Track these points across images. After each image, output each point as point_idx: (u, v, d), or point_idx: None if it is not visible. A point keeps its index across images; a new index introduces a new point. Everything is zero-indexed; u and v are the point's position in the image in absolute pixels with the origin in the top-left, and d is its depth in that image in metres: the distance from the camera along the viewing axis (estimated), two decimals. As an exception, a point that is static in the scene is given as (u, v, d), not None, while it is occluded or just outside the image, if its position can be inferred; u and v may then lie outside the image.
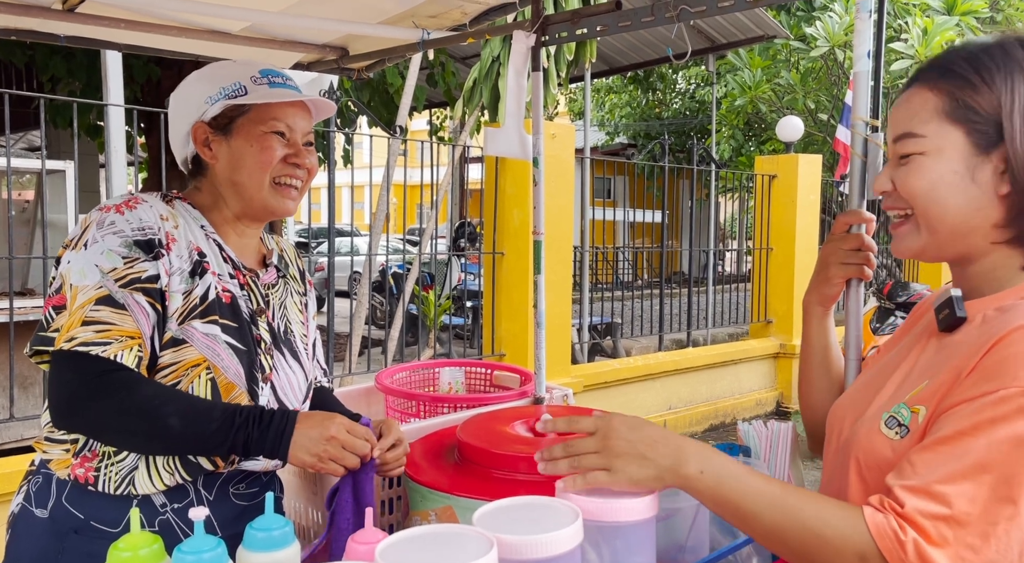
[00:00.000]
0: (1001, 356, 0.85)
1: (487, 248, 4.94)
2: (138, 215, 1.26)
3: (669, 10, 1.47)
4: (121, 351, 1.17)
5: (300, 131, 1.37)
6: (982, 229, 0.95)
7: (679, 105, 17.21)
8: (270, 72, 1.37)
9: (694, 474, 0.93)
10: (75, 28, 1.96)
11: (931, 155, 0.95)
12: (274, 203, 1.36)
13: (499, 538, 0.89)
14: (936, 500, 0.81)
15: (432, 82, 7.88)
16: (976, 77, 0.93)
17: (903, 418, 0.93)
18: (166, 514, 1.26)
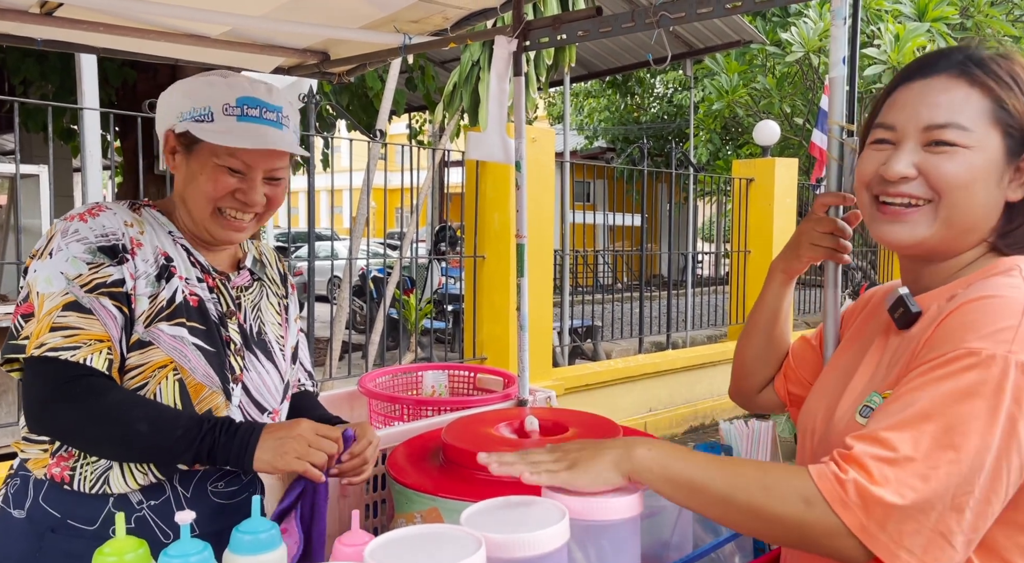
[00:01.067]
0: (950, 326, 0.90)
1: (468, 251, 4.95)
2: (101, 222, 1.28)
3: (649, 16, 1.50)
4: (90, 354, 1.18)
5: (261, 167, 1.33)
6: (983, 230, 0.99)
7: (657, 109, 17.33)
8: (247, 101, 1.31)
9: (643, 454, 0.97)
10: (53, 32, 1.95)
11: (976, 151, 0.96)
12: (217, 232, 1.36)
13: (487, 537, 0.90)
14: (880, 444, 0.85)
15: (411, 86, 7.87)
16: (1013, 83, 0.97)
17: (875, 405, 0.96)
18: (142, 511, 1.26)
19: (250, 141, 1.28)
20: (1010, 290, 0.91)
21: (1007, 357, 0.84)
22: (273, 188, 1.37)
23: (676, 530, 1.14)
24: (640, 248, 6.47)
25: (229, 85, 1.32)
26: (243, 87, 1.32)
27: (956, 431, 0.83)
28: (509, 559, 0.92)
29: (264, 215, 1.39)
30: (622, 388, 5.75)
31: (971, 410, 0.83)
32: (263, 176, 1.34)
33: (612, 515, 1.00)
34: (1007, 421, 0.83)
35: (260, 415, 1.39)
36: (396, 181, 5.38)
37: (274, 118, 1.33)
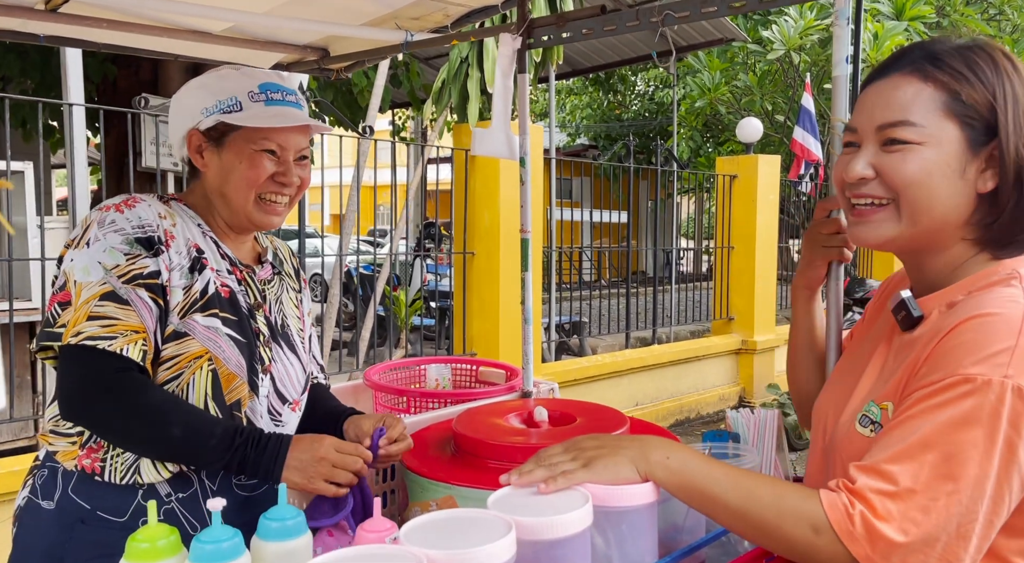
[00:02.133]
0: (948, 347, 0.90)
1: (457, 248, 4.97)
2: (137, 213, 1.30)
3: (654, 15, 1.53)
4: (126, 345, 1.20)
5: (293, 148, 1.39)
6: (956, 223, 0.98)
7: (638, 107, 17.43)
8: (269, 86, 1.37)
9: (660, 459, 0.99)
10: (57, 28, 1.94)
11: (930, 146, 0.95)
12: (259, 218, 1.40)
13: (516, 520, 0.93)
14: (882, 477, 0.86)
15: (396, 82, 7.86)
16: (971, 74, 0.95)
17: (874, 415, 0.98)
18: (171, 504, 1.29)
19: (287, 120, 1.34)
20: (1009, 305, 0.90)
21: (1003, 382, 0.84)
22: (302, 168, 1.42)
23: (689, 514, 1.18)
24: (627, 244, 6.53)
25: (246, 74, 1.38)
26: (259, 75, 1.39)
27: (955, 461, 0.84)
28: (536, 541, 0.95)
29: (295, 198, 1.44)
30: (609, 383, 5.80)
31: (969, 439, 0.84)
32: (294, 156, 1.39)
33: (630, 501, 1.03)
34: (1005, 447, 0.84)
35: (282, 406, 1.42)
36: (380, 178, 5.38)
37: (295, 100, 1.39)
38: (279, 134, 1.35)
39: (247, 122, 1.33)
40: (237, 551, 1.01)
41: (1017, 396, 0.84)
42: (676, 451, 1.01)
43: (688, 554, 1.12)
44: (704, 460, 1.00)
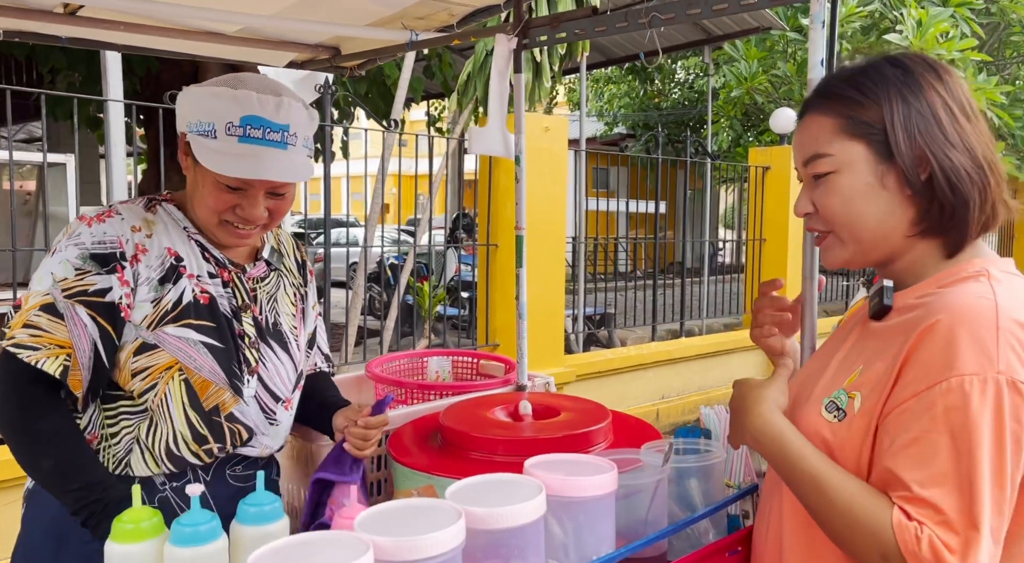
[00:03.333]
0: (934, 349, 0.93)
1: (481, 240, 5.02)
2: (103, 229, 1.31)
3: (641, 17, 1.55)
4: (45, 358, 1.23)
5: (262, 186, 1.33)
6: (899, 229, 1.03)
7: (678, 95, 17.23)
8: (251, 121, 1.29)
9: (752, 442, 1.08)
10: (76, 30, 2.04)
11: (843, 171, 1.03)
12: (224, 239, 1.39)
13: (468, 510, 0.98)
14: (929, 508, 0.89)
15: (429, 74, 7.93)
16: (860, 95, 1.02)
17: (841, 403, 1.02)
18: (165, 492, 1.35)
19: (245, 169, 1.28)
20: (979, 300, 0.94)
21: (997, 379, 0.89)
22: (277, 202, 1.37)
23: (652, 509, 1.21)
24: (654, 235, 6.50)
25: (235, 100, 1.30)
26: (250, 104, 1.30)
27: (978, 474, 0.88)
28: (489, 530, 0.99)
29: (271, 223, 1.40)
30: (634, 375, 5.81)
31: (983, 446, 0.88)
32: (265, 192, 1.35)
33: (587, 492, 1.08)
34: (1014, 443, 0.89)
35: (275, 403, 1.44)
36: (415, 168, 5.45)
37: (278, 139, 1.31)
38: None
39: (204, 160, 1.28)
40: (215, 534, 1.08)
41: (1013, 390, 0.89)
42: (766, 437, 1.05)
43: (646, 545, 1.15)
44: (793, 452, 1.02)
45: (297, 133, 1.34)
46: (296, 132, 1.34)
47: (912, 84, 1.01)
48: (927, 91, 1.01)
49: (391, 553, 0.89)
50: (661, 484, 1.22)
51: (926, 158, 0.99)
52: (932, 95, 1.01)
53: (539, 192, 4.86)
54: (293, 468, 1.74)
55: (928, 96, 1.01)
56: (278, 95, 1.33)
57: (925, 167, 1.00)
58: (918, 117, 1.00)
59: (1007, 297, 0.95)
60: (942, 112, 1.00)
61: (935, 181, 0.99)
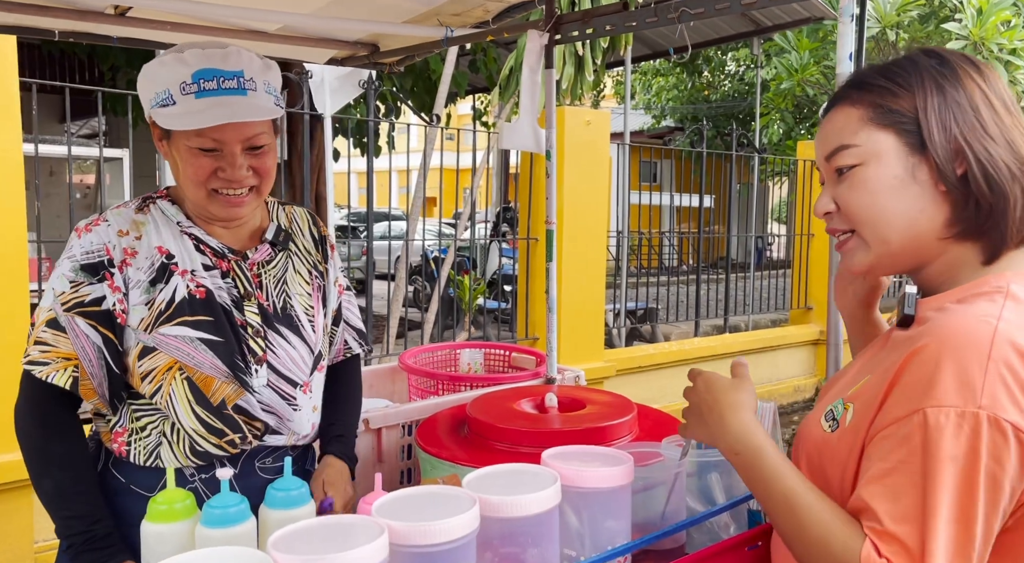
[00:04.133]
0: (917, 374, 0.86)
1: (522, 234, 5.04)
2: (90, 238, 1.33)
3: (671, 11, 1.55)
4: (55, 372, 1.27)
5: (235, 140, 1.29)
6: (931, 229, 0.95)
7: (728, 87, 16.97)
8: (203, 74, 1.26)
9: (729, 452, 1.02)
10: (126, 31, 2.12)
11: (870, 163, 0.95)
12: (219, 211, 1.36)
13: (482, 498, 1.00)
14: (896, 542, 0.83)
15: (474, 68, 7.98)
16: (892, 84, 0.96)
17: (837, 413, 0.97)
18: (195, 482, 1.37)
19: (210, 118, 1.24)
20: (980, 325, 0.86)
21: (977, 414, 0.82)
22: (258, 158, 1.33)
23: (670, 503, 1.22)
24: (699, 230, 6.44)
25: (182, 61, 1.28)
26: (197, 60, 1.28)
27: (949, 513, 0.82)
28: (504, 518, 1.02)
29: (261, 186, 1.36)
30: (676, 371, 5.77)
31: (955, 484, 0.82)
32: (242, 148, 1.31)
33: (602, 483, 1.09)
34: (989, 482, 0.82)
35: (293, 389, 1.42)
36: (461, 162, 5.50)
37: (234, 85, 1.28)
38: (214, 129, 1.26)
39: (167, 123, 1.26)
40: (243, 516, 1.13)
41: (993, 427, 0.81)
42: (744, 447, 0.99)
43: (662, 536, 1.16)
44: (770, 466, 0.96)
45: (254, 78, 1.31)
46: (252, 77, 1.31)
47: (949, 73, 0.95)
48: (964, 81, 0.94)
49: (406, 537, 0.92)
50: (680, 478, 1.23)
51: (962, 150, 0.91)
52: (970, 84, 0.94)
53: (580, 186, 4.85)
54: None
55: (966, 85, 0.94)
56: (224, 47, 1.32)
57: (961, 160, 0.92)
58: (955, 106, 0.93)
59: (1014, 321, 0.86)
60: (981, 103, 0.93)
61: (971, 175, 0.91)
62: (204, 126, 1.26)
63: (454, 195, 4.98)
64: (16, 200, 2.99)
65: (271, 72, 1.36)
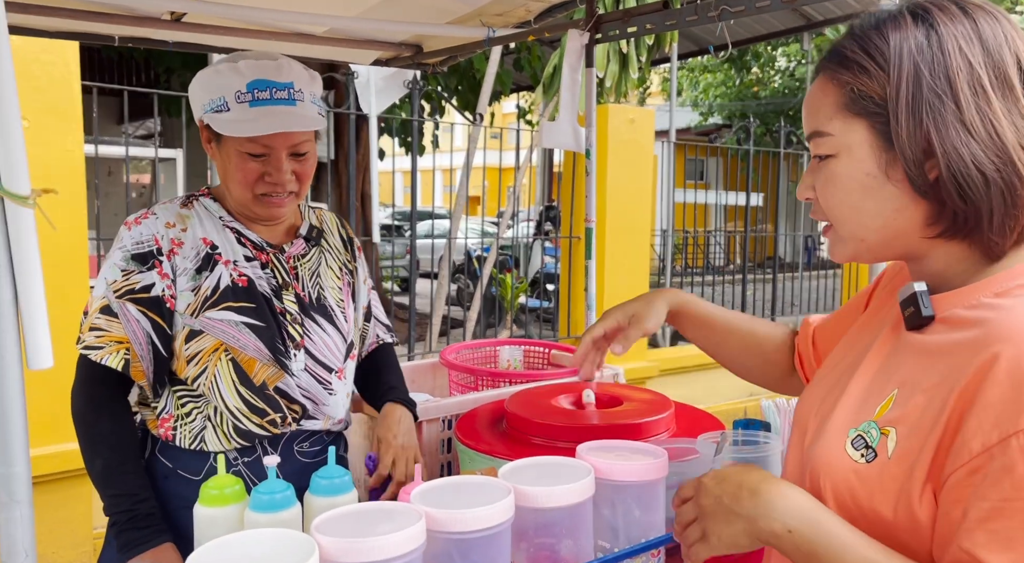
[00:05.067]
0: (1001, 390, 0.73)
1: (564, 232, 5.05)
2: (140, 230, 1.41)
3: (711, 9, 1.55)
4: (108, 355, 1.36)
5: (282, 146, 1.39)
6: (911, 229, 0.84)
7: (779, 83, 16.70)
8: (256, 85, 1.36)
9: (781, 532, 0.81)
10: (181, 35, 2.20)
11: (842, 156, 0.85)
12: (261, 212, 1.46)
13: (517, 488, 1.03)
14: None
15: (519, 66, 8.01)
16: (867, 60, 0.82)
17: (871, 439, 0.82)
18: (238, 466, 1.44)
19: (263, 127, 1.34)
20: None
21: None
22: (300, 163, 1.43)
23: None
24: (745, 229, 6.36)
25: (238, 71, 1.37)
26: (251, 71, 1.37)
27: None
28: (538, 508, 1.04)
29: (300, 190, 1.47)
30: (722, 371, 5.64)
31: None
32: (288, 154, 1.41)
33: (635, 477, 1.11)
34: None
35: (328, 374, 1.51)
36: (506, 161, 5.54)
37: (285, 96, 1.37)
38: (264, 136, 1.36)
39: (223, 129, 1.36)
40: (289, 502, 1.18)
41: None
42: (802, 521, 0.81)
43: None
44: (836, 538, 0.79)
45: (303, 90, 1.40)
46: (301, 89, 1.40)
47: (935, 42, 0.79)
48: (952, 55, 0.78)
49: (443, 524, 0.95)
50: (714, 474, 1.23)
51: (933, 151, 0.78)
52: (958, 60, 0.78)
53: (623, 185, 4.84)
54: (365, 446, 1.84)
55: (951, 63, 0.78)
56: (276, 59, 1.41)
57: (933, 164, 0.79)
58: (931, 94, 0.78)
59: None
60: (965, 86, 0.78)
61: (942, 182, 0.79)
62: (258, 134, 1.35)
63: (497, 194, 5.02)
64: (78, 199, 3.11)
65: (316, 84, 1.45)
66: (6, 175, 0.65)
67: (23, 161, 0.65)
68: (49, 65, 2.96)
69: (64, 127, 3.03)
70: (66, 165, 3.04)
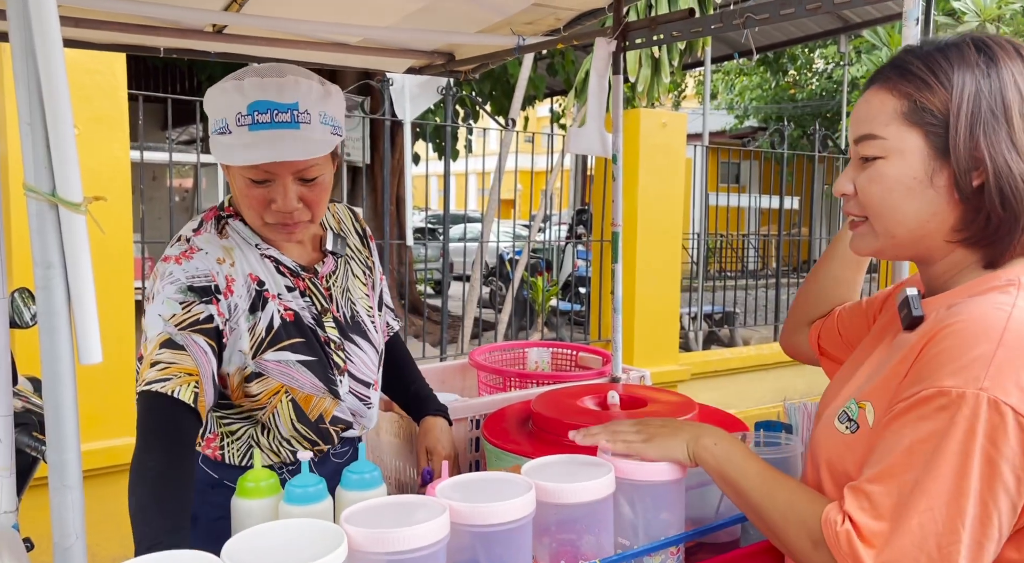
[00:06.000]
0: (929, 356, 0.87)
1: (596, 236, 5.07)
2: (194, 265, 1.33)
3: (736, 17, 1.57)
4: (179, 386, 1.24)
5: (286, 172, 1.29)
6: (939, 232, 0.96)
7: (816, 86, 16.49)
8: (257, 106, 1.25)
9: (709, 445, 1.08)
10: (223, 46, 2.28)
11: (892, 159, 0.95)
12: (274, 237, 1.40)
13: (538, 484, 1.06)
14: (865, 498, 0.86)
15: (552, 71, 8.06)
16: (932, 78, 0.93)
17: (852, 413, 0.97)
18: (283, 474, 1.48)
19: (259, 155, 1.24)
20: (994, 311, 0.86)
21: (978, 395, 0.81)
22: (309, 188, 1.33)
23: (724, 500, 1.25)
24: (779, 232, 6.31)
25: (241, 90, 1.27)
26: (253, 90, 1.27)
27: (929, 477, 0.82)
28: (559, 504, 1.07)
29: (313, 218, 1.38)
30: (754, 376, 5.67)
31: (943, 455, 0.82)
32: (293, 179, 1.31)
33: (655, 476, 1.13)
34: (984, 462, 0.81)
35: (366, 389, 1.54)
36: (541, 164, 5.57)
37: (287, 119, 1.26)
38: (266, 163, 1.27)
39: (221, 156, 1.28)
40: (322, 495, 1.22)
41: (992, 409, 0.81)
42: (724, 441, 1.08)
43: (716, 529, 1.20)
44: (745, 454, 1.05)
45: (309, 110, 1.28)
46: (308, 109, 1.28)
47: (994, 73, 0.91)
48: (1007, 83, 0.90)
49: (466, 517, 0.99)
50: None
51: (983, 161, 0.90)
52: (1012, 92, 0.90)
53: (654, 188, 4.85)
54: (400, 446, 1.88)
55: (1006, 89, 0.90)
56: (283, 76, 1.29)
57: (980, 172, 0.91)
58: (988, 114, 0.90)
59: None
60: (1017, 113, 0.90)
61: (987, 189, 0.90)
62: (251, 164, 1.26)
63: (529, 197, 5.06)
64: (124, 203, 3.22)
65: (330, 101, 1.33)
66: (60, 183, 0.71)
67: (76, 170, 0.70)
68: (97, 75, 3.08)
69: (111, 134, 3.14)
70: (113, 171, 3.16)
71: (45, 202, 0.71)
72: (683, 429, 1.13)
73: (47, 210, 0.71)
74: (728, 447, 1.07)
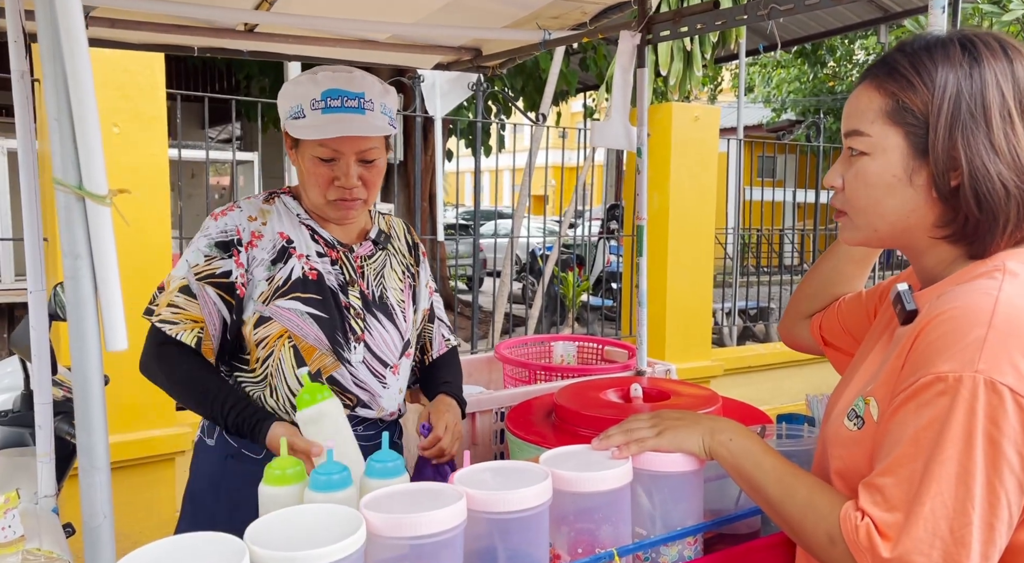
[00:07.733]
0: (923, 345, 0.89)
1: (627, 231, 5.05)
2: (225, 220, 1.53)
3: (761, 8, 1.56)
4: (182, 331, 1.47)
5: (351, 152, 1.49)
6: (920, 227, 0.98)
7: (857, 77, 16.16)
8: (330, 93, 1.47)
9: (724, 440, 1.09)
10: (255, 45, 2.33)
11: (875, 155, 0.97)
12: (334, 215, 1.56)
13: (555, 473, 1.07)
14: (878, 492, 0.88)
15: (584, 66, 8.03)
16: (916, 77, 0.94)
17: (859, 410, 0.99)
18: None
19: (331, 131, 1.44)
20: (982, 297, 0.88)
21: (975, 377, 0.83)
22: (368, 170, 1.53)
23: (744, 492, 1.25)
24: (814, 227, 6.22)
25: (315, 81, 1.49)
26: (327, 80, 1.49)
27: (936, 463, 0.84)
28: (576, 493, 1.09)
29: (369, 197, 1.56)
30: (787, 372, 5.60)
31: (947, 439, 0.83)
32: (355, 159, 1.50)
33: (672, 467, 1.14)
34: (987, 443, 0.82)
35: (384, 368, 1.60)
36: (573, 160, 5.56)
37: (355, 105, 1.48)
38: (334, 140, 1.47)
39: (298, 133, 1.47)
40: (346, 482, 1.25)
41: (990, 389, 0.82)
42: (740, 436, 1.09)
43: (734, 520, 1.20)
44: (762, 449, 1.06)
45: (373, 100, 1.50)
46: (372, 99, 1.50)
47: (976, 74, 0.91)
48: (989, 86, 0.91)
49: (483, 504, 1.00)
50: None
51: (959, 162, 0.91)
52: (993, 92, 0.91)
53: (686, 183, 4.81)
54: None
55: (987, 89, 0.91)
56: (351, 72, 1.52)
57: (957, 173, 0.92)
58: (968, 116, 0.91)
59: (1014, 293, 0.88)
60: (997, 114, 0.91)
61: (962, 190, 0.92)
62: (325, 137, 1.45)
63: (560, 193, 5.06)
64: (163, 200, 3.30)
65: (388, 96, 1.55)
66: (87, 177, 0.74)
67: (101, 165, 0.73)
68: (137, 74, 3.15)
69: (150, 132, 3.22)
70: (152, 168, 3.23)
71: (72, 195, 0.74)
72: (700, 422, 1.13)
73: (74, 203, 0.74)
74: (744, 442, 1.08)
